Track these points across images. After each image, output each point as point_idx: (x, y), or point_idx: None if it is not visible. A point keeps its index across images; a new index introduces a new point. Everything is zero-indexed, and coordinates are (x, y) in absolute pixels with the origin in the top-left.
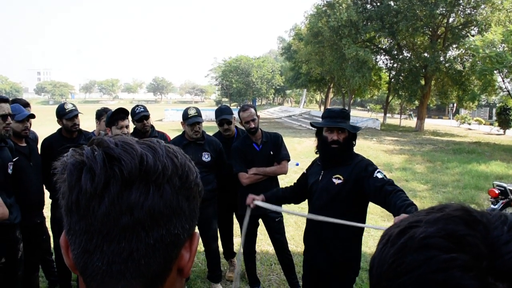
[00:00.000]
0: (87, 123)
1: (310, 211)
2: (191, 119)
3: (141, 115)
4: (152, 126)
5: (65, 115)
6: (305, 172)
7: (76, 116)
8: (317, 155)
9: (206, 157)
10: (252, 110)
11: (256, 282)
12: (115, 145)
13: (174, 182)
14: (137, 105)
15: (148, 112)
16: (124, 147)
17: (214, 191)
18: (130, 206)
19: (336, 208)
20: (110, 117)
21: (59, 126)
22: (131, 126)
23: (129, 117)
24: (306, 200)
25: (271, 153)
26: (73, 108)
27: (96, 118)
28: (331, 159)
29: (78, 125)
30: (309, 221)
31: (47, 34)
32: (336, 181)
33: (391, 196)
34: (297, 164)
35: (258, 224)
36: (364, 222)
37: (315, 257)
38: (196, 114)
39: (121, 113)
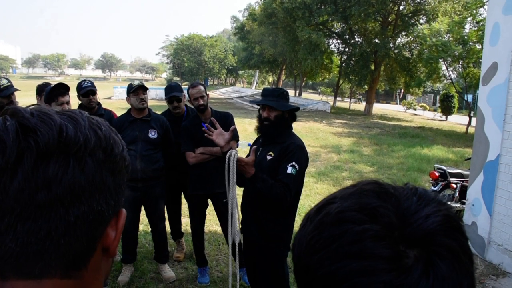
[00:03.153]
0: (30, 99)
1: (247, 184)
2: (135, 86)
3: (87, 89)
4: (98, 103)
5: (0, 92)
6: None
7: (13, 93)
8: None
9: (152, 134)
10: (201, 87)
11: (204, 262)
12: (31, 115)
13: (97, 155)
14: (84, 80)
15: (95, 88)
16: (41, 117)
17: (161, 170)
18: (47, 181)
19: None
20: (49, 93)
21: None
22: (77, 102)
23: (72, 93)
24: None
25: None
26: (9, 84)
27: (37, 93)
28: (264, 135)
29: (14, 102)
30: (245, 194)
31: None
32: (268, 157)
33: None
34: (249, 145)
35: (207, 205)
36: (297, 199)
37: (248, 228)
38: (141, 83)
39: (61, 89)
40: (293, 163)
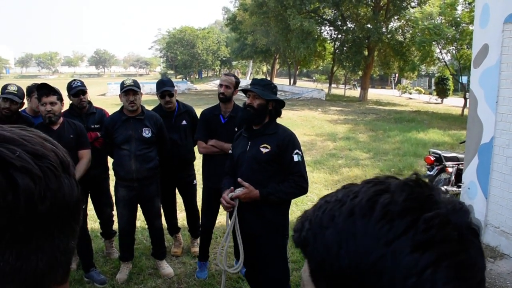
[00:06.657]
0: None
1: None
2: (125, 88)
3: (77, 89)
4: (89, 102)
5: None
6: (231, 151)
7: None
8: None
9: (146, 133)
10: (232, 78)
11: (205, 256)
12: None
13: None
14: (74, 80)
15: (86, 87)
16: None
17: (156, 168)
18: None
19: (267, 175)
20: None
21: None
22: (68, 102)
23: (62, 92)
24: None
25: (236, 129)
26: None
27: (27, 95)
28: (243, 121)
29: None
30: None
31: None
32: (264, 150)
33: (287, 179)
34: None
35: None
36: None
37: (248, 221)
38: (132, 84)
39: (44, 89)
40: (296, 151)
